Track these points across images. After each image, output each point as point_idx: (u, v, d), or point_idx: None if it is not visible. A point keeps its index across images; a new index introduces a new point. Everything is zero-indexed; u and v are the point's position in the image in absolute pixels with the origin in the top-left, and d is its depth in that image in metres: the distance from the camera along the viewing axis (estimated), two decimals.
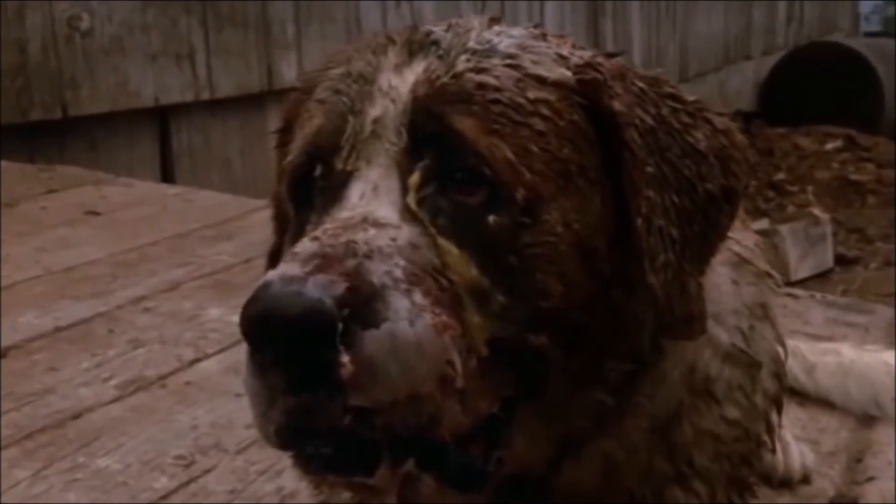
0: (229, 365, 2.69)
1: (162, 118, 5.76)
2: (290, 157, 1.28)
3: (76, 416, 2.45)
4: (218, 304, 3.13)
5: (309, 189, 1.25)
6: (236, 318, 1.04)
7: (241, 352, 1.07)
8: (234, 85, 6.05)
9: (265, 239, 1.50)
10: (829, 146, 10.48)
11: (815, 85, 11.41)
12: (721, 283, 1.42)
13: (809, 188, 9.46)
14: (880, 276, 7.08)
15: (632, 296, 1.25)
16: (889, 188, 9.20)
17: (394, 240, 1.11)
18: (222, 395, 2.56)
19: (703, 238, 1.26)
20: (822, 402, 2.41)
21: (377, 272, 1.06)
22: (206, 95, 5.90)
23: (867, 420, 2.44)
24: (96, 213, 4.16)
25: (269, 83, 6.23)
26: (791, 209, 8.73)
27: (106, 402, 2.53)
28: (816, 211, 7.74)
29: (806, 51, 12.14)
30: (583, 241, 1.20)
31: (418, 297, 1.07)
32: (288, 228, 1.34)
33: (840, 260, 7.51)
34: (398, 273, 1.07)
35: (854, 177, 9.64)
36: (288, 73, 6.30)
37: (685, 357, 1.37)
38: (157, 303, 3.20)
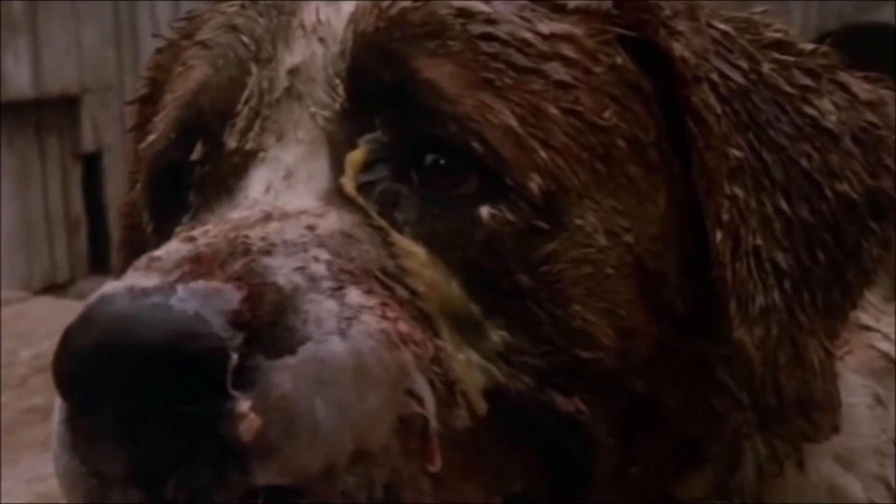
0: None
1: None
2: (151, 136, 1.30)
3: None
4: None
5: (181, 183, 1.25)
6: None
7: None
8: None
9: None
10: None
11: None
12: (855, 401, 1.39)
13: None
14: None
15: (722, 356, 1.26)
16: None
17: (311, 228, 1.13)
18: None
19: (833, 274, 1.25)
20: None
21: (283, 269, 1.07)
22: None
23: None
24: None
25: None
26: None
27: None
28: None
29: (839, 37, 12.25)
30: (641, 262, 1.22)
31: (354, 295, 1.08)
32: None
33: None
34: (318, 269, 1.08)
35: None
36: (17, 74, 6.27)
37: None
38: None
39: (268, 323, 1.03)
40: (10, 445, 2.99)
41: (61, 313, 3.91)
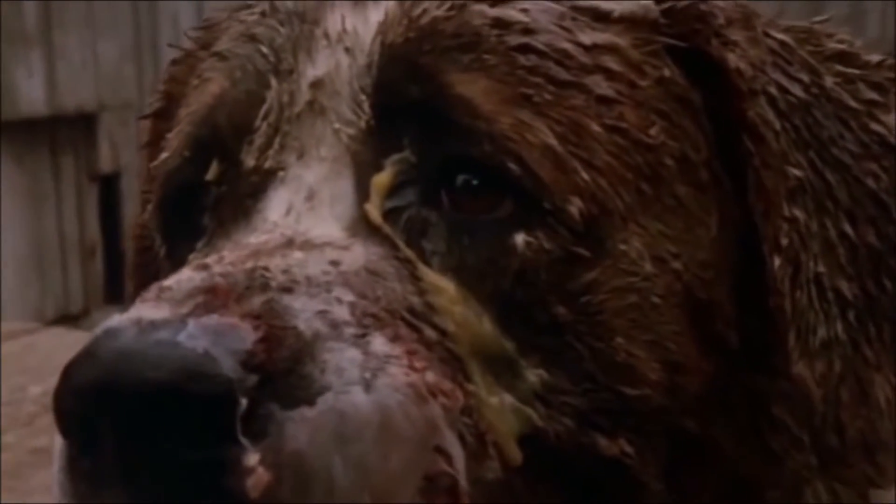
0: None
1: None
2: (164, 154, 1.31)
3: None
4: None
5: (196, 205, 1.28)
6: None
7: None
8: None
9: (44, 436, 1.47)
10: None
11: None
12: None
13: None
14: None
15: (780, 393, 1.26)
16: None
17: (335, 264, 1.14)
18: None
19: None
20: None
21: (304, 313, 1.07)
22: None
23: None
24: None
25: None
26: None
27: None
28: None
29: None
30: (690, 291, 1.23)
31: (379, 343, 1.08)
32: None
33: None
34: (341, 313, 1.09)
35: None
36: (31, 90, 6.20)
37: None
38: None
39: (284, 370, 1.02)
40: (15, 489, 3.03)
41: (74, 346, 4.11)
